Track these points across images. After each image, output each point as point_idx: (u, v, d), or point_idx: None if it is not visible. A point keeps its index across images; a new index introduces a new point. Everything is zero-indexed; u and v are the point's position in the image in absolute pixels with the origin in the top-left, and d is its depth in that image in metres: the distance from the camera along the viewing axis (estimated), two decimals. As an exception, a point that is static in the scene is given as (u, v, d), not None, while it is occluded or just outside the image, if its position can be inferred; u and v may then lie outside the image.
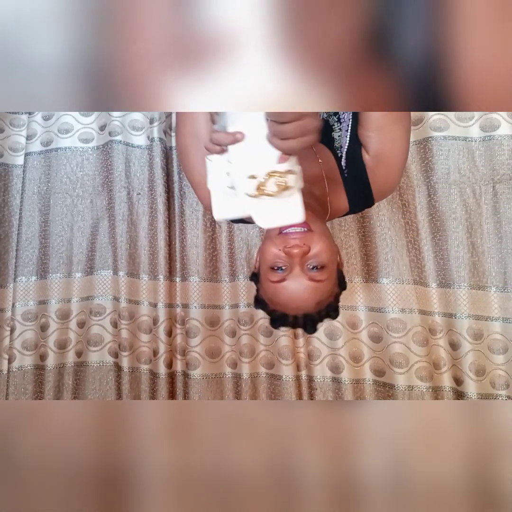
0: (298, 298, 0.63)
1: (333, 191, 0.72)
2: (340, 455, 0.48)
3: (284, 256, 0.61)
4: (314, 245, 0.61)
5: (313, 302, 0.63)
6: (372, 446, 0.48)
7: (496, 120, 1.10)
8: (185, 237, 1.21)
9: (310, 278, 0.61)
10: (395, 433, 0.49)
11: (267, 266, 0.64)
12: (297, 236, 0.61)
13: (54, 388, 1.21)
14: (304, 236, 0.61)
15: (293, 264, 0.61)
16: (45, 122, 1.29)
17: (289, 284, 0.62)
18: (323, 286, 0.63)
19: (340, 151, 0.72)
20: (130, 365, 1.19)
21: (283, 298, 0.63)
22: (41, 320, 1.23)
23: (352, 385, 1.13)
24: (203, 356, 1.18)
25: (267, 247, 0.64)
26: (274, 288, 0.63)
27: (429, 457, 0.47)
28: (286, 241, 0.61)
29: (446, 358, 1.09)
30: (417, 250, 1.13)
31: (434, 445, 0.48)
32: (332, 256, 0.64)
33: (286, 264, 0.62)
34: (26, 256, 1.24)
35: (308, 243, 0.61)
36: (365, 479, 0.46)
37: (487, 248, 1.09)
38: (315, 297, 0.63)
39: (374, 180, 0.71)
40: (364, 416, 0.50)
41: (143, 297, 1.20)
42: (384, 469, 0.47)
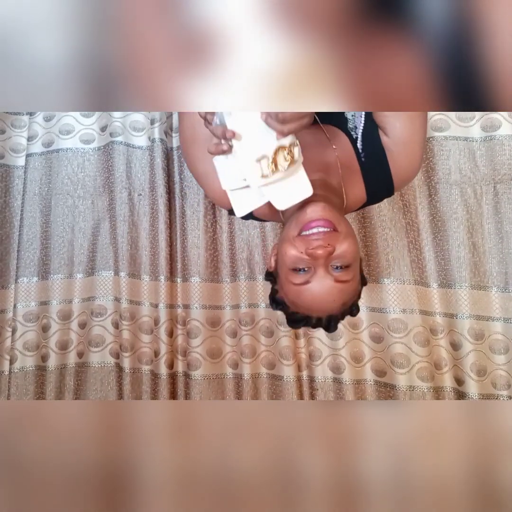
0: (324, 300, 0.59)
1: (350, 180, 0.66)
2: (342, 455, 0.48)
3: (307, 258, 0.57)
4: (339, 245, 0.57)
5: (339, 303, 0.60)
6: (373, 447, 0.48)
7: (497, 120, 1.09)
8: (186, 238, 1.21)
9: (336, 280, 0.58)
10: (396, 433, 0.49)
11: (287, 268, 0.60)
12: (320, 237, 0.57)
13: (56, 389, 1.21)
14: (328, 236, 0.57)
15: (317, 266, 0.57)
16: (46, 123, 1.29)
17: (313, 286, 0.58)
18: (349, 286, 0.59)
19: (355, 132, 0.66)
20: (131, 366, 1.19)
21: (307, 301, 0.60)
22: (42, 321, 1.24)
23: (353, 386, 1.13)
24: (204, 356, 1.18)
25: (286, 250, 0.59)
26: (298, 291, 0.59)
27: (431, 457, 0.47)
28: (308, 242, 0.57)
29: (447, 358, 1.09)
30: (418, 250, 1.12)
31: (435, 445, 0.48)
32: (357, 254, 0.60)
33: (309, 265, 0.58)
34: (28, 257, 1.24)
35: (333, 243, 0.56)
36: (366, 479, 0.46)
37: (488, 248, 1.09)
38: (341, 299, 0.60)
39: (395, 165, 0.65)
40: (366, 416, 0.50)
41: (144, 298, 1.20)
42: (386, 469, 0.47)
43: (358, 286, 0.64)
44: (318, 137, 0.66)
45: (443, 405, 0.67)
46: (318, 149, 0.66)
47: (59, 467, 0.44)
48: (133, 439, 0.47)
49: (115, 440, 0.47)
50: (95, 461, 0.45)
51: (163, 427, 0.49)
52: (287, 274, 0.60)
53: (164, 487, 0.45)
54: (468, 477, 0.46)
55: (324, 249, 0.55)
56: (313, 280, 0.58)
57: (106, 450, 0.46)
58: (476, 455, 0.47)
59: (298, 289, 0.59)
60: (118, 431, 0.48)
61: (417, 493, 0.45)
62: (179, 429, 0.49)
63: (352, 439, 0.49)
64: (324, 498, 0.46)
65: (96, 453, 0.46)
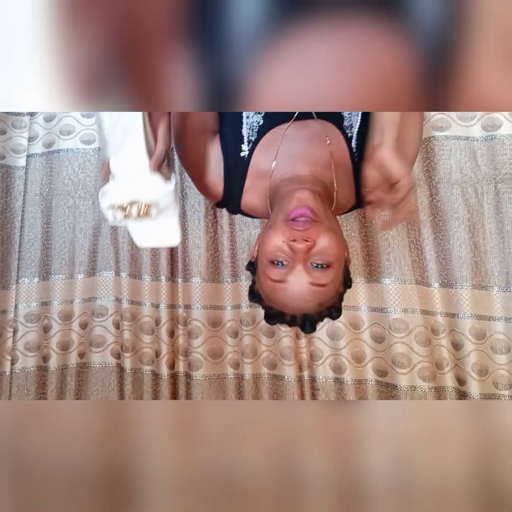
0: (298, 300, 0.57)
1: (342, 179, 0.65)
2: (344, 455, 0.48)
3: (287, 250, 0.56)
4: (320, 239, 0.55)
5: (314, 304, 0.58)
6: (375, 446, 0.48)
7: (498, 120, 1.09)
8: (187, 238, 1.21)
9: (313, 282, 0.56)
10: (398, 433, 0.49)
11: (267, 260, 0.58)
12: (302, 228, 0.55)
13: (57, 389, 1.21)
14: (309, 228, 0.55)
15: (295, 261, 0.56)
16: (47, 123, 1.29)
17: (289, 287, 0.56)
18: (327, 290, 0.58)
19: (351, 132, 0.64)
20: (132, 366, 1.19)
21: (281, 299, 0.58)
22: (43, 321, 1.24)
23: (355, 386, 1.13)
24: (205, 357, 1.18)
25: (270, 237, 0.58)
26: (273, 287, 0.58)
27: (433, 457, 0.47)
28: (290, 231, 0.55)
29: (449, 358, 1.09)
30: (419, 250, 1.12)
31: (437, 445, 0.48)
32: (340, 253, 0.58)
33: (288, 259, 0.56)
34: (29, 257, 1.24)
35: (313, 237, 0.55)
36: (368, 479, 0.46)
37: (489, 248, 1.09)
38: (317, 300, 0.58)
39: None
40: (367, 416, 0.50)
41: (145, 298, 1.20)
42: (388, 469, 0.47)
43: (338, 289, 0.61)
44: (314, 131, 0.65)
45: (445, 405, 0.67)
46: (313, 143, 0.64)
47: (61, 467, 0.44)
48: (135, 439, 0.47)
49: (117, 440, 0.47)
50: (97, 461, 0.45)
51: (165, 427, 0.49)
52: (265, 267, 0.58)
53: (165, 487, 0.45)
54: (470, 477, 0.46)
55: (304, 243, 0.54)
56: (290, 278, 0.56)
57: (108, 450, 0.46)
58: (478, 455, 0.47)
59: (274, 285, 0.58)
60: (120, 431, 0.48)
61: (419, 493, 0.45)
62: (181, 429, 0.49)
63: (354, 439, 0.49)
64: (326, 498, 0.46)
65: (98, 453, 0.46)
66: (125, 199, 0.53)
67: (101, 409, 0.51)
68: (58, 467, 0.44)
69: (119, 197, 0.53)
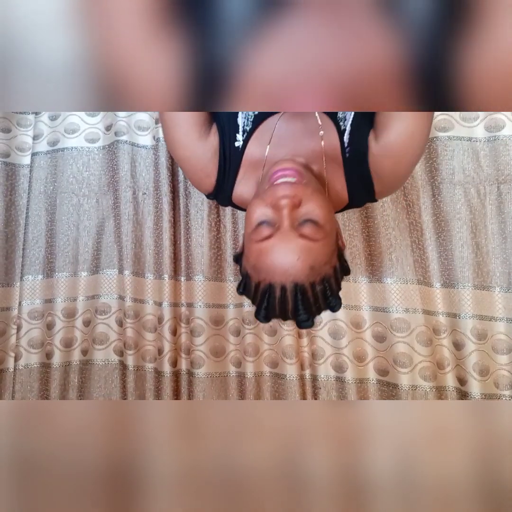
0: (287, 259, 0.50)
1: (332, 173, 0.62)
2: (347, 454, 0.48)
3: (271, 212, 0.51)
4: (306, 199, 0.51)
5: (305, 265, 0.50)
6: (378, 446, 0.48)
7: (501, 121, 1.10)
8: (190, 237, 1.22)
9: (302, 234, 0.50)
10: (401, 433, 0.49)
11: (251, 228, 0.53)
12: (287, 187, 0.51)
13: (60, 386, 1.22)
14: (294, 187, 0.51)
15: (281, 220, 0.51)
16: (51, 122, 1.30)
17: (276, 243, 0.50)
18: (318, 246, 0.51)
19: (344, 124, 0.61)
20: (135, 364, 1.20)
21: (268, 260, 0.51)
22: (47, 318, 1.25)
23: (356, 385, 1.14)
24: (208, 355, 1.19)
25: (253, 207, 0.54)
26: (259, 249, 0.52)
27: (435, 456, 0.47)
28: (274, 193, 0.51)
29: (450, 358, 1.09)
30: (421, 250, 1.13)
31: (439, 445, 0.48)
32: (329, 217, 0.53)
33: (274, 221, 0.52)
34: (33, 255, 1.25)
35: (299, 195, 0.51)
36: (371, 479, 0.46)
37: (491, 249, 1.09)
38: (307, 259, 0.50)
39: (378, 171, 0.61)
40: (370, 416, 0.51)
41: (148, 296, 1.21)
42: (391, 467, 0.47)
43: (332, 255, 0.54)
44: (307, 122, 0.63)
45: (447, 405, 0.67)
46: (305, 134, 0.62)
47: (64, 465, 0.45)
48: (139, 438, 0.48)
49: (121, 439, 0.48)
50: (101, 459, 0.46)
51: (168, 426, 0.50)
52: (251, 234, 0.53)
53: (169, 485, 0.45)
54: (472, 476, 0.46)
55: (289, 199, 0.50)
56: (276, 235, 0.51)
57: (112, 449, 0.47)
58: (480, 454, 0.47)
59: (260, 247, 0.52)
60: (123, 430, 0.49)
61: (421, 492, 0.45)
62: (185, 428, 0.50)
63: (356, 438, 0.49)
64: (330, 496, 0.46)
65: (101, 452, 0.46)
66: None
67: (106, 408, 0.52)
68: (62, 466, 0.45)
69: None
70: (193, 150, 0.63)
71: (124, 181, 1.24)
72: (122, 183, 1.24)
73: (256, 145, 0.63)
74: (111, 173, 1.26)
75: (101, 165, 1.28)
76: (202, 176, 0.66)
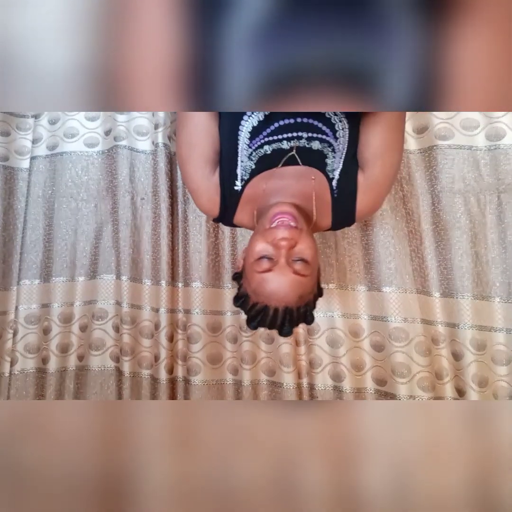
0: (282, 290, 0.65)
1: (321, 210, 0.76)
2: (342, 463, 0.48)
3: (272, 249, 0.66)
4: (301, 241, 0.66)
5: (296, 295, 0.66)
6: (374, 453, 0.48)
7: (502, 130, 1.09)
8: (188, 243, 1.21)
9: (295, 272, 0.65)
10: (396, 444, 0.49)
11: (254, 259, 0.67)
12: (286, 230, 0.65)
13: (56, 392, 1.21)
14: (292, 231, 0.65)
15: (279, 257, 0.65)
16: (51, 126, 1.29)
17: (274, 276, 0.65)
18: (307, 281, 0.67)
19: (333, 174, 0.76)
20: (131, 370, 1.19)
21: (268, 289, 0.66)
22: (43, 323, 1.24)
23: (353, 394, 1.13)
24: (204, 362, 1.18)
25: (255, 241, 0.68)
26: (260, 278, 0.66)
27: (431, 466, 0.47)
28: (274, 233, 0.65)
29: (449, 369, 1.08)
30: (421, 259, 1.12)
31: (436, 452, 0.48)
32: (315, 256, 0.68)
33: (273, 256, 0.66)
34: (30, 259, 1.25)
35: (296, 238, 0.65)
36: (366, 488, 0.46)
37: (491, 258, 1.08)
38: (298, 291, 0.66)
39: (362, 201, 0.75)
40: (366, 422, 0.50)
41: (145, 302, 1.20)
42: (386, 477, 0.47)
43: (314, 286, 0.71)
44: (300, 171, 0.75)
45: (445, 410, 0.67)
46: (298, 178, 0.75)
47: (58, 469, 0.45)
48: (134, 443, 0.47)
49: (116, 444, 0.47)
50: (95, 464, 0.46)
51: (164, 431, 0.49)
52: (253, 265, 0.67)
53: (163, 492, 0.45)
54: (469, 484, 0.46)
55: (288, 241, 0.64)
56: (275, 269, 0.65)
57: (106, 453, 0.47)
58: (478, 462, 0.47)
59: (261, 276, 0.66)
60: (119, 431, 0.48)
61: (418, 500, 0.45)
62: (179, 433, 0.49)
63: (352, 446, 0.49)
64: (324, 505, 0.46)
65: (95, 457, 0.46)
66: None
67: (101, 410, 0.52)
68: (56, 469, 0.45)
69: None
70: (200, 185, 0.77)
71: (123, 186, 1.24)
72: (121, 188, 1.24)
73: (253, 189, 0.76)
74: (110, 178, 1.26)
75: (100, 169, 1.27)
76: (207, 209, 0.80)
